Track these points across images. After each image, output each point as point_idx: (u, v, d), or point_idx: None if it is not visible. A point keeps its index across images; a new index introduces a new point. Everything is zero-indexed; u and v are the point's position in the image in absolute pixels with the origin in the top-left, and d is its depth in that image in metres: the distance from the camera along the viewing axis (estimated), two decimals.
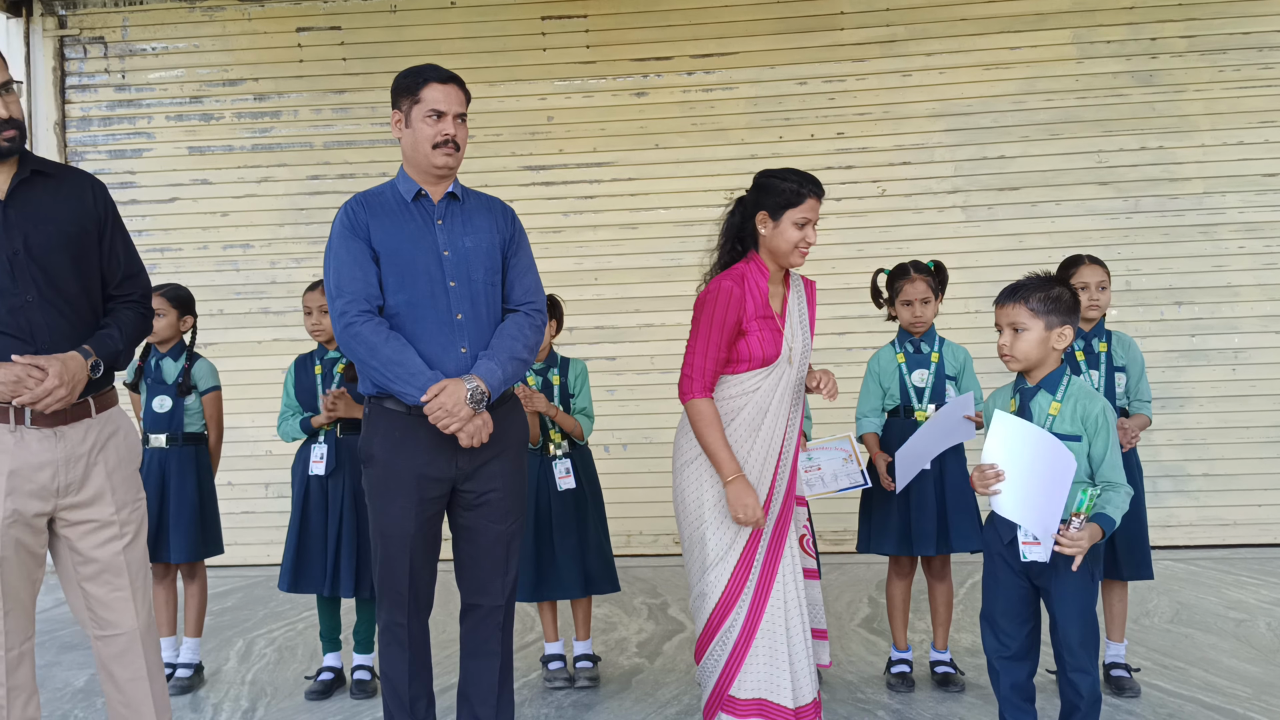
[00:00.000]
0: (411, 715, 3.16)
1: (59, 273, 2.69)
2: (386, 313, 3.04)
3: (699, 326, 3.22)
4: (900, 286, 4.12)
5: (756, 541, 3.22)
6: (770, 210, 3.21)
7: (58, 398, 2.62)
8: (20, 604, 2.69)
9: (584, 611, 4.37)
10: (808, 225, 3.20)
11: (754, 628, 3.19)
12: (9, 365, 2.57)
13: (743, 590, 3.20)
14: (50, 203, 2.73)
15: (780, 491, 3.26)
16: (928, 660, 4.28)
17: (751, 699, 3.19)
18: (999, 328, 3.11)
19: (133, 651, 2.83)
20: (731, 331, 3.19)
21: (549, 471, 4.22)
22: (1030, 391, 3.09)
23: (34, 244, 2.66)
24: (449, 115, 3.07)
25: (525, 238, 3.28)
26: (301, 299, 4.58)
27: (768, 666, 3.20)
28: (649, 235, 6.96)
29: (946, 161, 6.87)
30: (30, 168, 2.72)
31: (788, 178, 3.22)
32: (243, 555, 6.81)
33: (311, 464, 4.19)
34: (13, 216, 2.65)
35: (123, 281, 2.88)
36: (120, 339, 2.80)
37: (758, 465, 3.22)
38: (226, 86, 7.24)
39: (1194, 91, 6.73)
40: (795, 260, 3.24)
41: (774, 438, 3.23)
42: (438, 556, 3.19)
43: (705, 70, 7.00)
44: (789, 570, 3.26)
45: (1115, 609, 4.06)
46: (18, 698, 2.69)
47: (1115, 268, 5.84)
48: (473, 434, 2.97)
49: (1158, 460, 6.54)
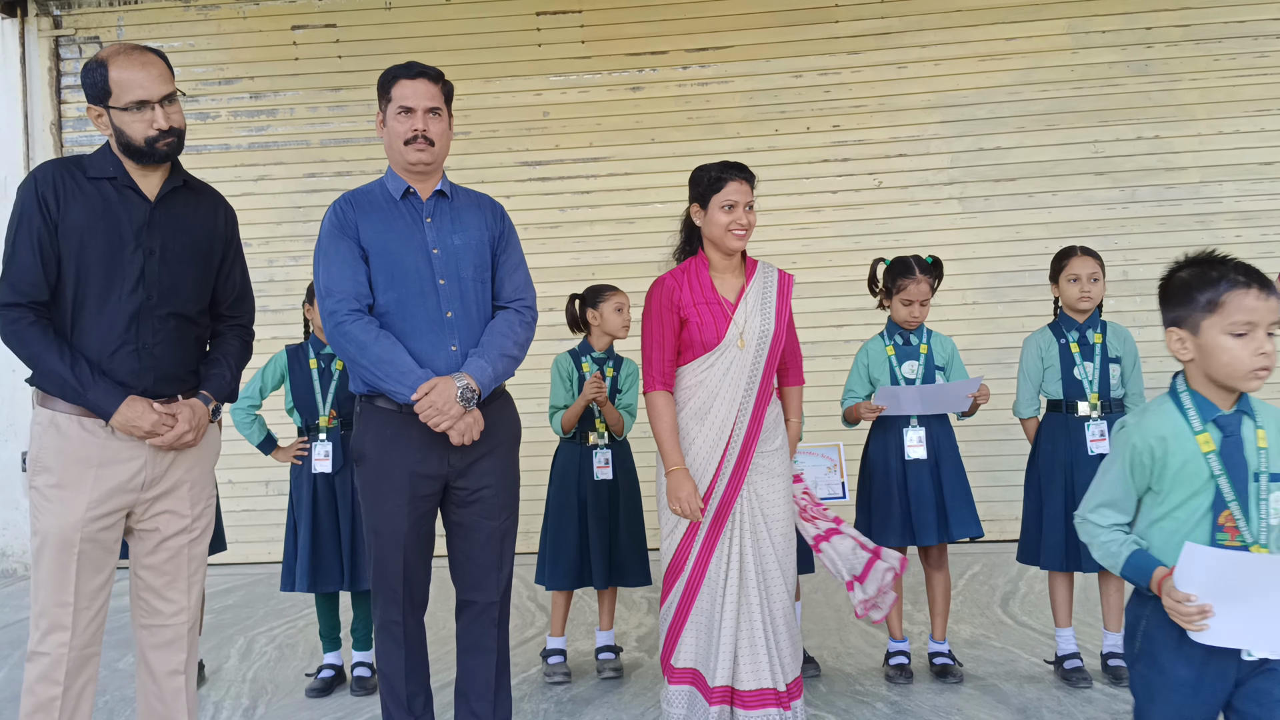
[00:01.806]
0: (409, 712, 3.17)
1: (181, 281, 2.84)
2: (376, 311, 3.05)
3: (645, 324, 3.44)
4: (904, 285, 4.11)
5: (697, 524, 3.37)
6: (699, 200, 3.42)
7: (185, 442, 2.80)
8: (90, 605, 2.75)
9: (609, 603, 4.41)
10: (736, 208, 3.36)
11: (690, 601, 3.36)
12: (148, 413, 2.73)
13: (685, 563, 3.37)
14: (190, 214, 2.88)
15: (725, 476, 3.35)
16: (926, 652, 4.29)
17: (687, 668, 3.38)
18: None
19: (176, 645, 2.89)
20: (672, 322, 3.38)
21: (589, 460, 4.29)
22: (1232, 420, 2.26)
23: (169, 249, 2.81)
24: (418, 110, 3.07)
25: (515, 235, 3.28)
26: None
27: (697, 641, 3.37)
28: (646, 230, 6.96)
29: (942, 153, 6.87)
30: (181, 178, 2.88)
31: (709, 168, 3.43)
32: (243, 553, 6.83)
33: (316, 462, 4.20)
34: (157, 219, 2.81)
35: (234, 304, 3.03)
36: (231, 378, 2.97)
37: (704, 450, 3.35)
38: (222, 85, 7.25)
39: (1190, 80, 6.72)
40: (731, 243, 3.37)
41: (724, 424, 3.34)
42: (432, 553, 3.19)
43: (700, 64, 7.00)
44: (739, 553, 3.34)
45: (1112, 599, 4.06)
46: (70, 701, 2.73)
47: (1112, 258, 5.84)
48: (463, 432, 2.98)
49: None
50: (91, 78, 2.74)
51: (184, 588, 2.89)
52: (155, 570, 2.86)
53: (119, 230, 2.74)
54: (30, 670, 2.73)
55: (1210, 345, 2.23)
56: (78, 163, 2.79)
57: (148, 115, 2.72)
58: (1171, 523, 2.27)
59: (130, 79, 2.71)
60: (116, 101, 2.71)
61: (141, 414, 2.71)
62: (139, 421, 2.71)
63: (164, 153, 2.77)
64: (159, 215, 2.81)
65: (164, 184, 2.83)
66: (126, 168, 2.79)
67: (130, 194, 2.78)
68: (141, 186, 2.80)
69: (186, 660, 2.91)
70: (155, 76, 2.74)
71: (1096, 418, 4.01)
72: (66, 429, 2.73)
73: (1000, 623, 4.93)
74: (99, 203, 2.74)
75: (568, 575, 4.25)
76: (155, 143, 2.74)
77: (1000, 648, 4.54)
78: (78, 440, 2.72)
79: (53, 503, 2.71)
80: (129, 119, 2.72)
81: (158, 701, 2.89)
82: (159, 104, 2.73)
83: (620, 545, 4.29)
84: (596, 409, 4.32)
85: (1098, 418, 4.01)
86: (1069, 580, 4.11)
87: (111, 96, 2.72)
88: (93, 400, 2.68)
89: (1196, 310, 2.24)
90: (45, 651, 2.71)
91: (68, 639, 2.71)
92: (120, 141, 2.75)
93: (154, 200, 2.81)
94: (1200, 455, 2.25)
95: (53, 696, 2.71)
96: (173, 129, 2.76)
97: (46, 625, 2.71)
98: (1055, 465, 4.06)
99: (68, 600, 2.71)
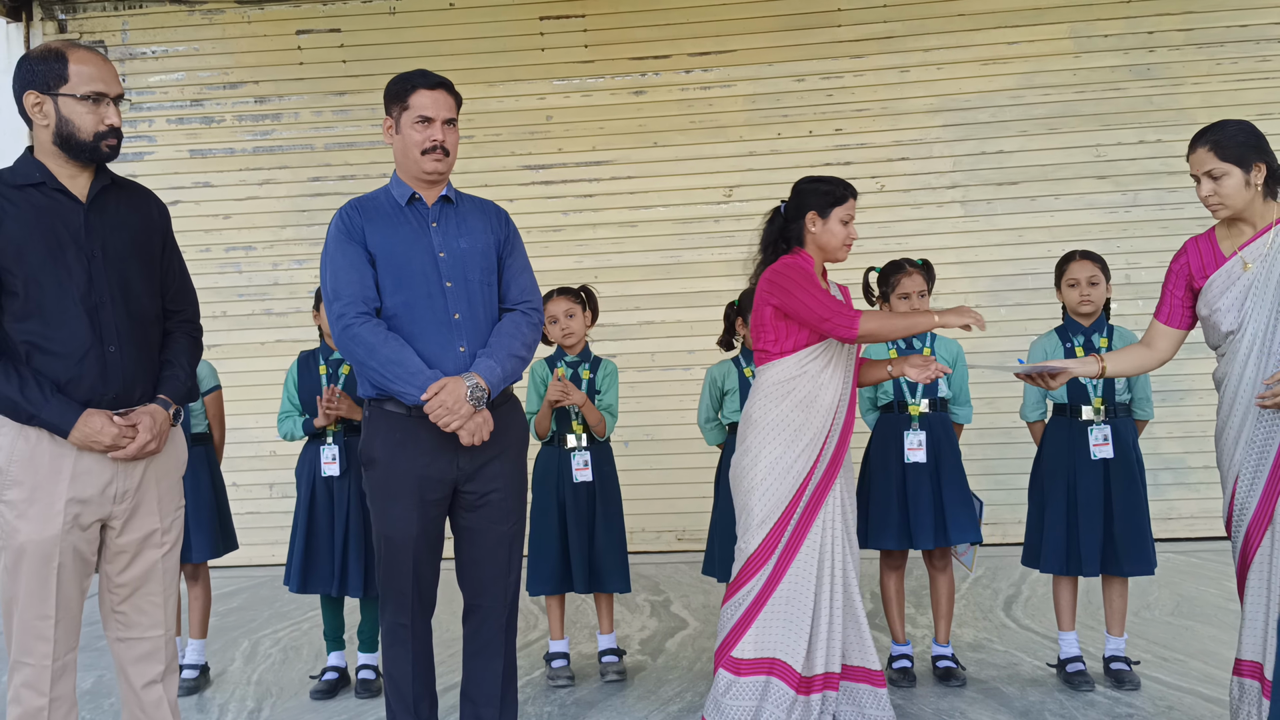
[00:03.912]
0: (415, 715, 3.18)
1: (131, 278, 2.80)
2: (384, 314, 3.07)
3: (800, 289, 3.36)
4: (898, 281, 4.13)
5: (794, 508, 3.41)
6: (819, 210, 3.49)
7: (148, 451, 2.76)
8: (70, 614, 2.74)
9: (606, 606, 4.41)
10: (850, 222, 3.50)
11: (770, 590, 3.39)
12: (108, 427, 2.68)
13: (771, 555, 3.40)
14: (125, 212, 2.84)
15: (823, 465, 3.43)
16: (929, 655, 4.30)
17: (761, 658, 3.39)
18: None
19: (154, 657, 2.88)
20: (825, 288, 3.43)
21: (567, 464, 4.27)
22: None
23: (110, 249, 2.77)
24: (437, 121, 3.10)
25: (519, 238, 3.31)
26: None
27: (783, 628, 3.39)
28: (648, 233, 6.98)
29: (945, 157, 6.88)
30: (108, 177, 2.83)
31: (831, 181, 3.53)
32: (248, 556, 6.82)
33: (323, 465, 4.21)
34: (93, 221, 2.76)
35: (176, 295, 2.97)
36: (185, 376, 2.92)
37: (810, 439, 3.41)
38: (227, 89, 7.26)
39: (1192, 85, 6.73)
40: (842, 255, 3.52)
41: (827, 413, 3.43)
42: (440, 557, 3.21)
43: (703, 68, 7.01)
44: (832, 540, 3.44)
45: (1115, 604, 4.07)
46: (59, 708, 2.74)
47: (1115, 262, 5.85)
48: (473, 431, 2.99)
49: (1159, 453, 6.55)
50: (44, 64, 2.68)
51: (159, 601, 2.87)
52: (129, 586, 2.83)
53: (56, 235, 2.68)
54: (14, 679, 2.72)
55: None
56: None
57: (101, 110, 2.69)
58: None
59: (91, 72, 2.69)
60: (72, 90, 2.67)
61: (100, 428, 2.66)
62: (99, 436, 2.66)
63: (105, 153, 2.73)
64: (94, 217, 2.75)
65: (92, 184, 2.77)
66: (53, 170, 2.72)
67: (60, 197, 2.72)
68: (71, 188, 2.74)
69: (165, 671, 2.89)
70: (111, 75, 2.74)
71: (1100, 422, 4.01)
72: (36, 440, 2.67)
73: (1003, 626, 4.93)
74: (29, 211, 2.67)
75: (549, 580, 4.24)
76: (102, 139, 2.70)
77: (1003, 651, 4.55)
78: (48, 452, 2.68)
79: (27, 518, 2.66)
80: (81, 109, 2.68)
81: (140, 712, 2.89)
82: (112, 101, 2.72)
83: (598, 550, 4.27)
84: (576, 411, 4.29)
85: (1101, 422, 4.01)
86: (1072, 584, 4.12)
87: (67, 84, 2.67)
88: (47, 419, 2.63)
89: None
90: (29, 663, 2.70)
91: (50, 650, 2.70)
92: (62, 133, 2.68)
93: (86, 201, 2.75)
94: None
95: (39, 707, 2.70)
96: (117, 130, 2.74)
97: (28, 639, 2.69)
98: (1058, 469, 4.06)
99: (49, 614, 2.68)
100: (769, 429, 3.42)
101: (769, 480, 3.40)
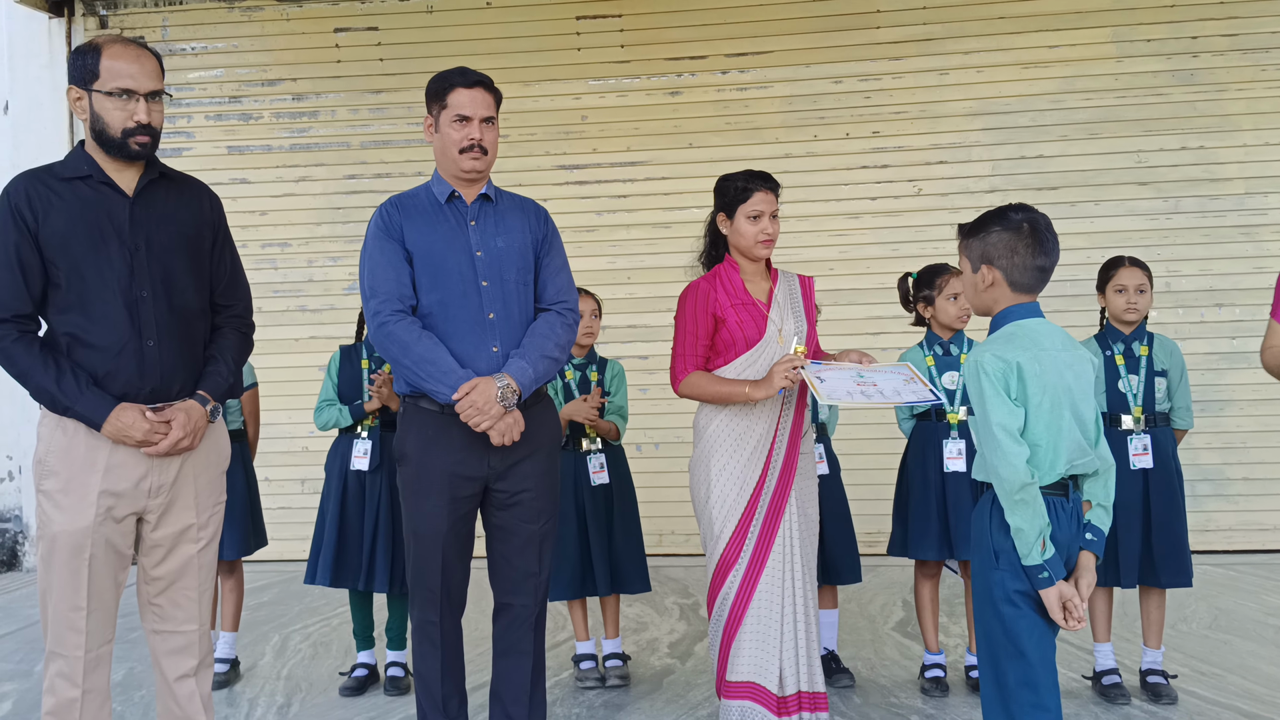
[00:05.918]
0: (444, 713, 3.18)
1: (175, 272, 2.80)
2: (420, 312, 3.07)
3: (679, 324, 3.49)
4: (944, 282, 4.04)
5: (750, 518, 3.34)
6: (726, 210, 3.46)
7: (181, 448, 2.75)
8: (104, 605, 2.75)
9: (613, 610, 4.38)
10: (762, 217, 3.41)
11: (743, 609, 3.31)
12: (140, 422, 2.68)
13: (736, 561, 3.34)
14: (173, 205, 2.84)
15: (774, 473, 3.36)
16: (962, 664, 4.25)
17: (744, 682, 3.31)
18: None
19: (188, 651, 2.89)
20: (706, 324, 3.42)
21: (584, 467, 4.25)
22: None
23: (155, 243, 2.77)
24: (475, 120, 3.09)
25: (558, 238, 3.30)
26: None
27: (757, 649, 3.31)
28: (682, 234, 6.87)
29: (984, 161, 6.81)
30: (158, 170, 2.84)
31: (735, 177, 3.46)
32: (279, 550, 6.81)
33: (354, 459, 4.22)
34: (139, 214, 2.77)
35: (226, 290, 2.96)
36: (229, 373, 2.91)
37: (752, 447, 3.36)
38: (265, 86, 7.31)
39: (1236, 91, 6.63)
40: (759, 252, 3.44)
41: (770, 419, 3.37)
42: (470, 555, 3.20)
43: (739, 69, 6.98)
44: (789, 555, 3.35)
45: (1153, 616, 4.01)
46: (92, 701, 2.75)
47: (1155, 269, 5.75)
48: (503, 432, 2.99)
49: (1197, 464, 6.44)
50: (82, 59, 2.70)
51: (194, 595, 2.88)
52: (164, 579, 2.85)
53: (100, 228, 2.70)
54: (49, 669, 2.74)
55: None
56: (49, 170, 2.76)
57: (130, 106, 2.69)
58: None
59: (121, 67, 2.68)
60: (102, 85, 2.68)
61: (132, 423, 2.66)
62: (130, 431, 2.67)
63: (135, 151, 2.72)
64: (139, 210, 2.76)
65: (140, 178, 2.78)
66: (100, 164, 2.74)
67: (107, 190, 2.74)
68: (118, 182, 2.75)
69: (199, 665, 2.90)
70: (146, 70, 2.72)
71: (1140, 431, 3.95)
72: (73, 432, 2.70)
73: None
74: (76, 204, 2.70)
75: (570, 584, 4.20)
76: (131, 135, 2.69)
77: None
78: (84, 444, 2.70)
79: (61, 508, 2.69)
80: (110, 105, 2.68)
81: (174, 704, 2.90)
82: (144, 98, 2.71)
83: (617, 551, 4.25)
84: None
85: (1141, 431, 3.95)
86: (1108, 595, 4.06)
87: (98, 80, 2.68)
88: (81, 412, 2.65)
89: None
90: (62, 653, 2.72)
91: (82, 641, 2.71)
92: (95, 129, 2.70)
93: (132, 195, 2.76)
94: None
95: (72, 699, 2.72)
96: (150, 126, 2.72)
97: (61, 629, 2.71)
98: None
99: (81, 605, 2.70)
100: (713, 438, 3.40)
101: (719, 486, 3.37)
